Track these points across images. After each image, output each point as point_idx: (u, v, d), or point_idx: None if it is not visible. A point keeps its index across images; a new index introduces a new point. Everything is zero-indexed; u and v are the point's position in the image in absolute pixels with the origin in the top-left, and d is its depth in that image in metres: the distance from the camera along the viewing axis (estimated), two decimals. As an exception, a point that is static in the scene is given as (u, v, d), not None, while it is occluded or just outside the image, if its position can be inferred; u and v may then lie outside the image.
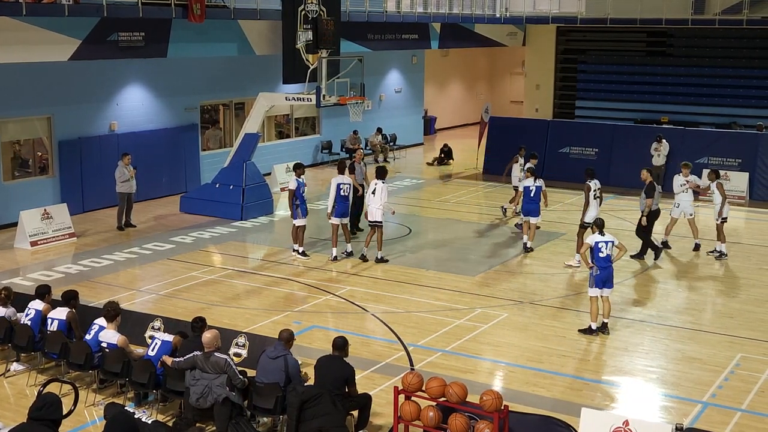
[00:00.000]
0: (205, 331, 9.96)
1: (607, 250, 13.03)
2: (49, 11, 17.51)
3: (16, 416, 10.02)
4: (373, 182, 17.27)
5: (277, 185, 24.20)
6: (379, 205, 16.94)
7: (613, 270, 13.21)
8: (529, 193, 17.94)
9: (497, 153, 26.88)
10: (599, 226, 13.23)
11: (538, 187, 17.95)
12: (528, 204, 17.93)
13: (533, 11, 33.72)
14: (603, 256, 13.02)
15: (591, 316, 13.29)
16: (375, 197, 16.99)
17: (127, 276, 16.42)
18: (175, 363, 9.92)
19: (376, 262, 17.12)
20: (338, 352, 9.75)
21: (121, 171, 19.69)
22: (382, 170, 17.29)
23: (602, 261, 13.03)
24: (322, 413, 9.08)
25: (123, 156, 19.87)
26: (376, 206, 16.97)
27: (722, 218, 17.49)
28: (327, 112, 27.96)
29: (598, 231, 13.16)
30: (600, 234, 13.12)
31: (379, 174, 17.18)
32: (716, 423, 10.33)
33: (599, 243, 13.02)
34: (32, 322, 11.78)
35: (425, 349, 12.66)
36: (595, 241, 13.05)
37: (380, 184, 17.00)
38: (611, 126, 27.10)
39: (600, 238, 13.07)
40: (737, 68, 31.92)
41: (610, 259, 13.08)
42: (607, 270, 13.08)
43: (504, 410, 8.78)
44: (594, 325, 13.25)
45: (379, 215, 17.02)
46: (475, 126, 32.51)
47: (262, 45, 23.13)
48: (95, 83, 21.58)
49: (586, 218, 16.65)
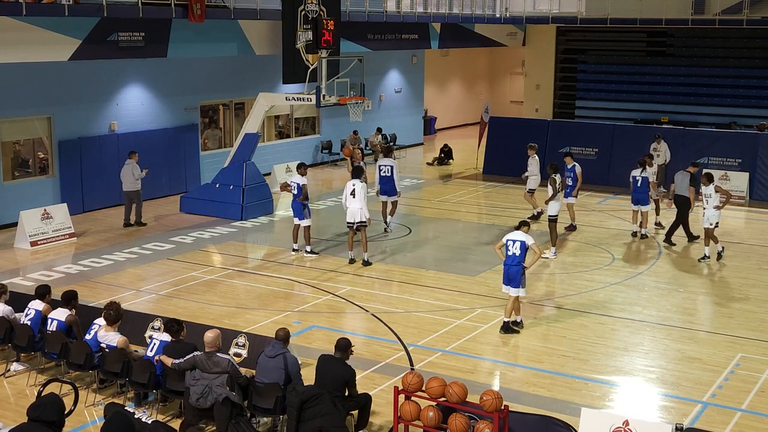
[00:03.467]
0: (207, 332, 9.96)
1: (513, 248, 13.01)
2: (49, 11, 17.51)
3: (16, 416, 10.03)
4: (350, 183, 16.93)
5: (277, 185, 24.19)
6: (360, 206, 16.74)
7: (517, 270, 13.03)
8: (636, 183, 18.93)
9: (497, 153, 26.92)
10: (521, 224, 13.25)
11: (644, 178, 18.86)
12: (636, 193, 18.97)
13: (533, 11, 33.72)
14: (509, 254, 13.05)
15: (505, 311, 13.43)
16: (355, 198, 16.73)
17: (127, 276, 16.42)
18: (175, 364, 9.92)
19: (363, 264, 16.97)
20: (340, 353, 9.74)
21: (129, 169, 19.86)
22: (359, 170, 17.24)
23: (507, 258, 13.09)
24: (322, 413, 9.07)
25: (131, 154, 20.04)
26: (357, 207, 16.75)
27: (714, 224, 17.06)
28: (327, 112, 27.96)
29: (519, 228, 13.18)
30: (519, 232, 13.11)
31: (355, 174, 17.11)
32: (716, 423, 10.33)
33: (509, 240, 13.07)
34: (32, 322, 11.78)
35: (425, 349, 12.66)
36: (507, 238, 13.13)
37: (358, 183, 16.76)
38: (611, 126, 27.10)
39: (511, 236, 13.11)
40: (737, 68, 31.93)
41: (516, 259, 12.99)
42: (508, 268, 13.11)
43: (504, 410, 8.78)
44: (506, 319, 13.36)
45: (361, 216, 16.81)
46: (475, 126, 32.53)
47: (262, 45, 23.13)
48: (95, 83, 21.59)
49: (551, 211, 17.49)
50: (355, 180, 16.89)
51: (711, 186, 17.20)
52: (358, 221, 16.85)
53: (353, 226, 16.95)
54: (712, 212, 17.08)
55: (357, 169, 17.33)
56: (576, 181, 19.45)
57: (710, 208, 17.08)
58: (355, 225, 16.91)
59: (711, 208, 17.07)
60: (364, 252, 17.02)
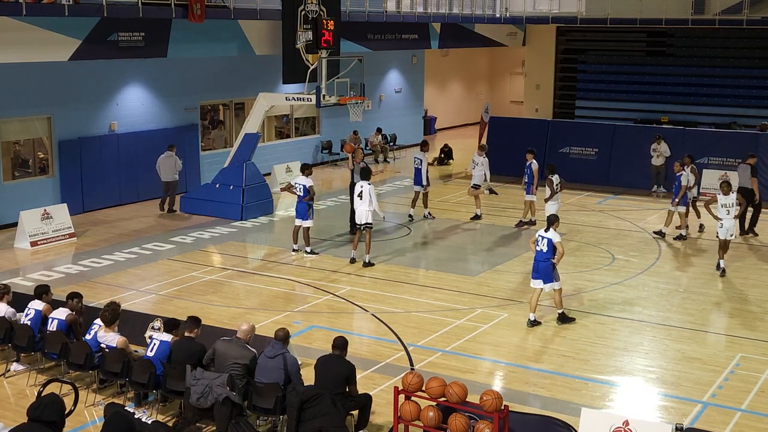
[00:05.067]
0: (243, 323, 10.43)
1: (541, 245, 13.36)
2: (49, 11, 17.51)
3: (16, 416, 10.03)
4: (358, 185, 17.05)
5: (277, 185, 24.19)
6: (368, 207, 16.77)
7: (547, 266, 13.40)
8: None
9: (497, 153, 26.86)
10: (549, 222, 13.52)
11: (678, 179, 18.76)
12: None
13: (533, 11, 33.71)
14: (538, 250, 13.41)
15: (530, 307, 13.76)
16: (363, 200, 16.77)
17: (127, 276, 16.42)
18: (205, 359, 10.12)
19: (364, 266, 16.95)
20: (338, 351, 9.77)
21: (171, 161, 21.40)
22: (366, 172, 17.24)
23: (536, 254, 13.45)
24: (322, 413, 9.07)
25: (170, 147, 21.59)
26: (364, 209, 16.79)
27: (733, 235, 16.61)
28: (327, 112, 27.95)
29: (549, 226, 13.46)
30: (545, 229, 13.45)
31: (363, 176, 17.12)
32: (716, 423, 10.33)
33: (539, 236, 13.41)
34: (32, 322, 11.78)
35: (425, 349, 12.66)
36: (538, 234, 13.48)
37: (366, 186, 16.81)
38: (611, 126, 27.09)
39: (542, 233, 13.44)
40: (737, 68, 31.92)
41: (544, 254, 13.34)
42: (537, 264, 13.46)
43: (504, 410, 8.78)
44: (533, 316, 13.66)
45: (367, 217, 16.84)
46: (475, 126, 32.52)
47: (262, 45, 23.13)
48: (95, 83, 21.59)
49: (549, 211, 17.39)
50: (363, 182, 16.91)
51: (732, 195, 16.43)
52: (364, 223, 16.88)
53: (360, 227, 16.98)
54: (731, 222, 16.36)
55: (364, 170, 17.29)
56: (532, 178, 19.72)
57: (729, 218, 16.32)
58: (362, 226, 16.94)
59: (731, 219, 16.34)
60: (366, 253, 17.03)
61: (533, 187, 19.80)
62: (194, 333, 10.49)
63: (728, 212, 16.29)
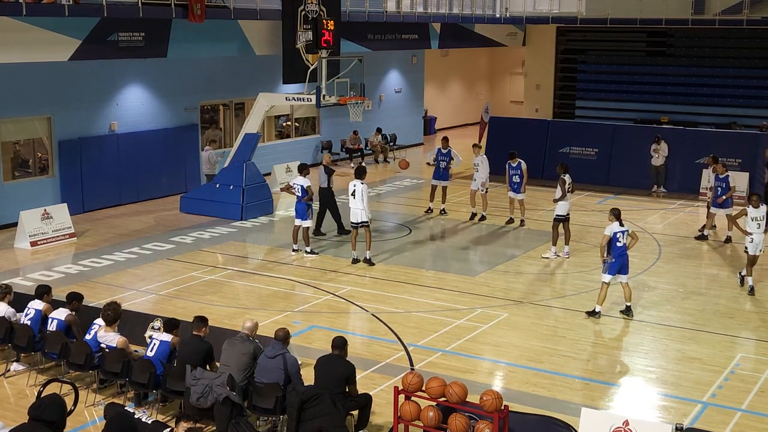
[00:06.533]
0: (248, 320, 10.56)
1: (623, 239, 13.75)
2: (49, 11, 17.51)
3: (16, 416, 10.02)
4: (351, 183, 16.97)
5: (277, 185, 24.19)
6: (361, 206, 16.72)
7: (628, 257, 13.93)
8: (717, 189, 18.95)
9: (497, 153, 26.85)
10: (617, 216, 13.85)
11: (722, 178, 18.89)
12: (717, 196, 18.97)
13: (533, 11, 33.72)
14: (620, 245, 13.74)
15: (598, 299, 13.95)
16: (356, 199, 16.73)
17: (127, 276, 16.42)
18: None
19: (363, 261, 16.99)
20: (338, 351, 9.76)
21: (206, 156, 22.34)
22: (361, 170, 17.18)
23: (619, 249, 13.74)
24: (322, 413, 9.07)
25: (210, 142, 22.67)
26: (358, 208, 16.75)
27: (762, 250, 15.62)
28: (327, 112, 27.95)
29: (617, 221, 13.78)
30: (619, 224, 13.77)
31: (358, 174, 17.07)
32: (716, 423, 10.33)
33: (617, 233, 13.71)
34: (32, 322, 11.78)
35: (425, 349, 12.66)
36: (614, 231, 13.73)
37: (359, 184, 16.76)
38: (611, 126, 27.08)
39: (618, 228, 13.75)
40: (737, 68, 31.92)
41: (626, 247, 13.81)
42: (623, 257, 13.82)
43: (504, 410, 8.78)
44: (599, 308, 13.98)
45: (362, 216, 16.82)
46: (475, 126, 32.52)
47: (262, 45, 23.13)
48: (95, 83, 21.58)
49: (559, 211, 17.37)
50: (356, 180, 16.89)
51: (763, 207, 15.39)
52: (360, 221, 16.86)
53: (357, 226, 16.97)
54: (761, 237, 15.30)
55: (359, 169, 17.29)
56: (522, 177, 19.78)
57: (760, 233, 15.30)
58: (358, 225, 16.93)
59: (761, 233, 15.32)
60: (367, 250, 17.04)
61: (523, 185, 19.83)
62: (203, 332, 10.48)
63: (759, 226, 15.28)
